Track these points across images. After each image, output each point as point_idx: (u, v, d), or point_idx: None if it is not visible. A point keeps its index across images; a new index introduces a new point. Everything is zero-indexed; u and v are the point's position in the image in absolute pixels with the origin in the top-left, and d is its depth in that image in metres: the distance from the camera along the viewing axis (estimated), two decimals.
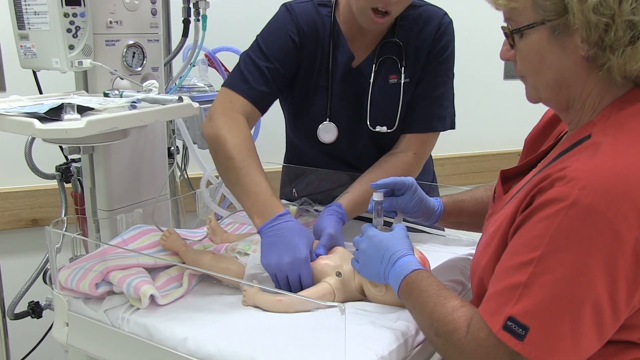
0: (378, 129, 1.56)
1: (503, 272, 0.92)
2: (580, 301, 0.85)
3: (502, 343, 0.88)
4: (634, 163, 0.87)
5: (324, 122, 1.58)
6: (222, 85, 1.53)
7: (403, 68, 1.55)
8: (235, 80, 1.50)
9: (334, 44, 1.56)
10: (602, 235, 0.83)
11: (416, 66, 1.56)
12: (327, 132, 1.59)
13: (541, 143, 1.17)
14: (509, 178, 1.15)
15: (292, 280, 1.22)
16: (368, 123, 1.56)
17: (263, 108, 1.53)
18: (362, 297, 1.24)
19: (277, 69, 1.50)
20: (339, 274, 1.23)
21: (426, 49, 1.56)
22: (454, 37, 1.59)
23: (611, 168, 0.86)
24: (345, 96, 1.59)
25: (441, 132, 1.62)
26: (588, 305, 0.85)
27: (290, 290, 1.23)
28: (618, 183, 0.84)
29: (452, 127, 1.61)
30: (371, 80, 1.56)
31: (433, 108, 1.57)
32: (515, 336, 0.87)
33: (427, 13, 1.57)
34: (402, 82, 1.55)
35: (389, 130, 1.56)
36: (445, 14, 1.58)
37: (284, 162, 1.85)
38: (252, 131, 1.53)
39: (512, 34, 0.99)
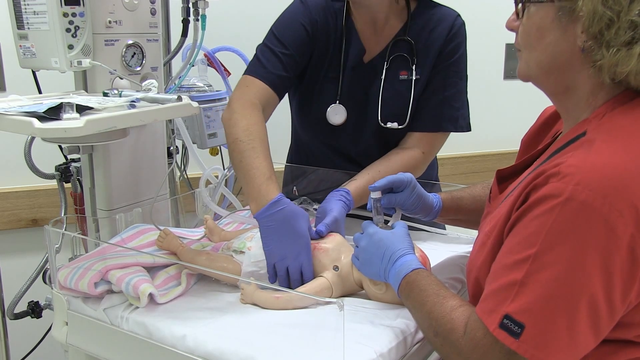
0: (389, 125, 1.57)
1: (499, 271, 0.92)
2: (576, 298, 0.84)
3: (499, 342, 0.88)
4: (628, 159, 0.87)
5: (333, 105, 1.60)
6: (242, 74, 1.56)
7: (414, 65, 1.56)
8: (253, 67, 1.54)
9: (346, 37, 1.58)
10: (597, 231, 0.83)
11: (427, 64, 1.57)
12: (337, 113, 1.60)
13: (537, 143, 1.17)
14: (504, 178, 1.15)
15: (292, 270, 1.22)
16: (379, 119, 1.57)
17: (280, 92, 1.55)
18: (361, 289, 1.24)
19: (292, 56, 1.53)
20: (336, 268, 1.23)
21: (437, 49, 1.57)
22: (465, 39, 1.60)
23: (605, 164, 0.86)
24: (355, 89, 1.60)
25: (447, 134, 1.63)
26: (584, 302, 0.84)
27: (289, 281, 1.23)
28: (613, 179, 0.84)
29: (468, 129, 1.62)
30: (383, 77, 1.57)
31: (443, 108, 1.58)
32: (511, 334, 0.87)
33: (440, 14, 1.58)
34: (413, 78, 1.56)
35: (400, 127, 1.57)
36: (458, 15, 1.59)
37: (287, 161, 1.85)
38: None
39: (522, 3, 1.00)
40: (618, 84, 0.94)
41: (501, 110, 2.88)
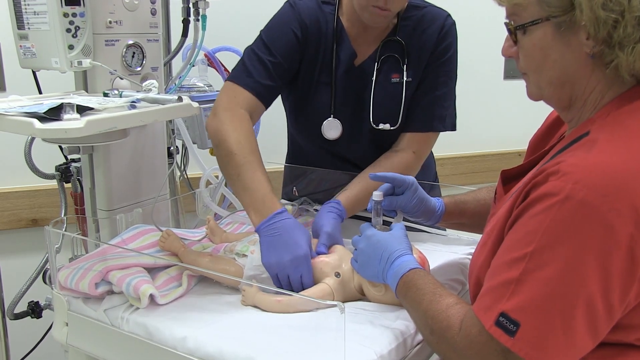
0: (381, 126, 1.57)
1: (497, 268, 0.92)
2: (573, 297, 0.84)
3: (494, 339, 0.88)
4: (629, 159, 0.86)
5: (329, 119, 1.59)
6: (226, 80, 1.54)
7: (405, 66, 1.56)
8: (240, 74, 1.51)
9: (337, 41, 1.57)
10: (595, 230, 0.83)
11: (418, 66, 1.57)
12: (332, 128, 1.59)
13: (544, 144, 1.17)
14: (510, 179, 1.14)
15: (293, 279, 1.22)
16: (371, 121, 1.57)
17: (267, 102, 1.53)
18: (362, 297, 1.24)
19: (280, 64, 1.52)
20: (337, 275, 1.23)
21: (429, 49, 1.56)
22: (456, 38, 1.60)
23: (605, 163, 0.86)
24: (348, 93, 1.60)
25: (441, 132, 1.63)
26: (581, 302, 0.84)
27: (292, 290, 1.23)
28: (612, 178, 0.84)
29: (453, 128, 1.62)
30: (373, 79, 1.57)
31: (434, 108, 1.58)
32: (506, 332, 0.87)
33: (431, 14, 1.58)
34: (405, 80, 1.56)
35: (392, 128, 1.57)
36: (449, 15, 1.59)
37: (285, 162, 1.85)
38: (254, 127, 1.52)
39: (516, 30, 0.99)
40: (630, 80, 0.94)
41: (501, 110, 2.88)
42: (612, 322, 0.87)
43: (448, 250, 1.48)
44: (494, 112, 2.88)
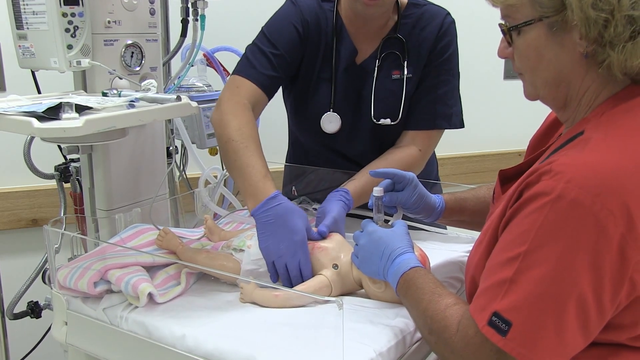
0: (382, 121, 1.58)
1: (492, 268, 0.92)
2: (564, 297, 0.84)
3: (489, 340, 0.88)
4: (621, 158, 0.86)
5: (327, 113, 1.60)
6: (230, 74, 1.56)
7: (406, 62, 1.57)
8: (242, 67, 1.53)
9: (337, 38, 1.58)
10: (587, 230, 0.83)
11: (419, 63, 1.58)
12: (331, 122, 1.60)
13: (544, 144, 1.17)
14: (508, 178, 1.14)
15: (291, 267, 1.22)
16: (372, 116, 1.57)
17: (270, 92, 1.54)
18: (360, 288, 1.24)
19: (282, 56, 1.53)
20: (335, 267, 1.23)
21: (428, 47, 1.57)
22: (456, 36, 1.61)
23: (598, 162, 0.86)
24: (348, 90, 1.60)
25: (442, 131, 1.63)
26: (572, 301, 0.84)
27: (289, 278, 1.23)
28: (604, 177, 0.84)
29: (461, 125, 1.63)
30: (374, 76, 1.57)
31: (437, 106, 1.59)
32: (498, 332, 0.87)
33: (430, 12, 1.59)
34: (405, 77, 1.57)
35: (392, 123, 1.57)
36: (448, 13, 1.60)
37: (285, 161, 1.85)
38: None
39: (510, 31, 0.99)
40: (624, 80, 0.94)
41: (501, 110, 2.88)
42: (603, 321, 0.87)
43: (447, 248, 1.49)
44: (494, 112, 2.88)
